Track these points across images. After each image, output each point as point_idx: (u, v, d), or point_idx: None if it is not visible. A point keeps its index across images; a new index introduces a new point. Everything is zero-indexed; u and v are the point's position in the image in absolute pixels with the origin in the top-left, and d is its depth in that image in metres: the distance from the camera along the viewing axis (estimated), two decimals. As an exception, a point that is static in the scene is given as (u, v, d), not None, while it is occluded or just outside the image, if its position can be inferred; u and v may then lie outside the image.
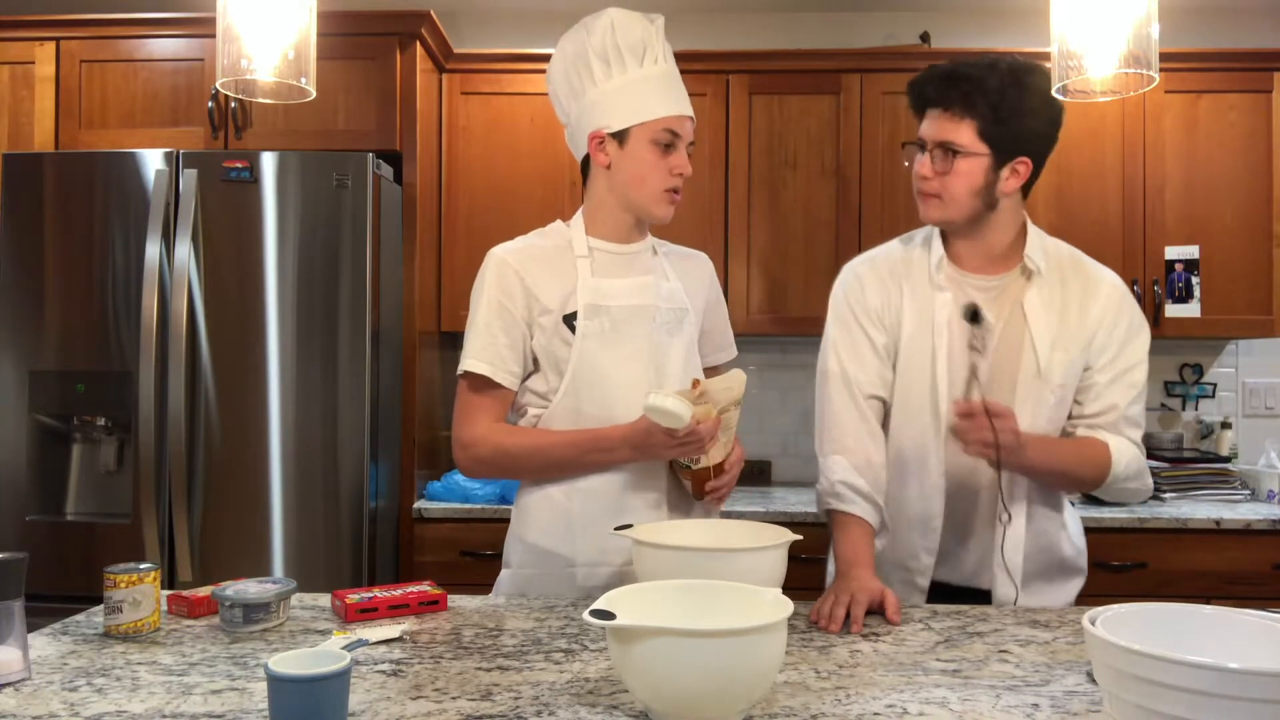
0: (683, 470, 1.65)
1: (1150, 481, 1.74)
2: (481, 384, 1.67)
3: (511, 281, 1.67)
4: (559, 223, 1.77)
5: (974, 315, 1.61)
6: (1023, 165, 1.66)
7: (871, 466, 1.69)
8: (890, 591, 1.53)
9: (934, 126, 1.63)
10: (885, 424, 1.75)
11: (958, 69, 1.62)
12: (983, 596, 1.71)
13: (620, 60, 1.65)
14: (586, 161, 1.73)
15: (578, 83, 1.69)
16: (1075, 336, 1.67)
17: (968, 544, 1.72)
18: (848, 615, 1.46)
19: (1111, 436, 1.67)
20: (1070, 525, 1.79)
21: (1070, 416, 1.71)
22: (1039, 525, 1.72)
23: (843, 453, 1.70)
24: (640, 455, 1.61)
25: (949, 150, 1.62)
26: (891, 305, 1.73)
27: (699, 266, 1.85)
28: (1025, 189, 1.70)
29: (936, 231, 1.74)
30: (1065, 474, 1.68)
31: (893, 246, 1.81)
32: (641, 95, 1.65)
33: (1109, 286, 1.71)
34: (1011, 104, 1.60)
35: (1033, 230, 1.72)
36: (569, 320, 1.65)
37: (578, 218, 1.75)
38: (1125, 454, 1.66)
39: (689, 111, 1.70)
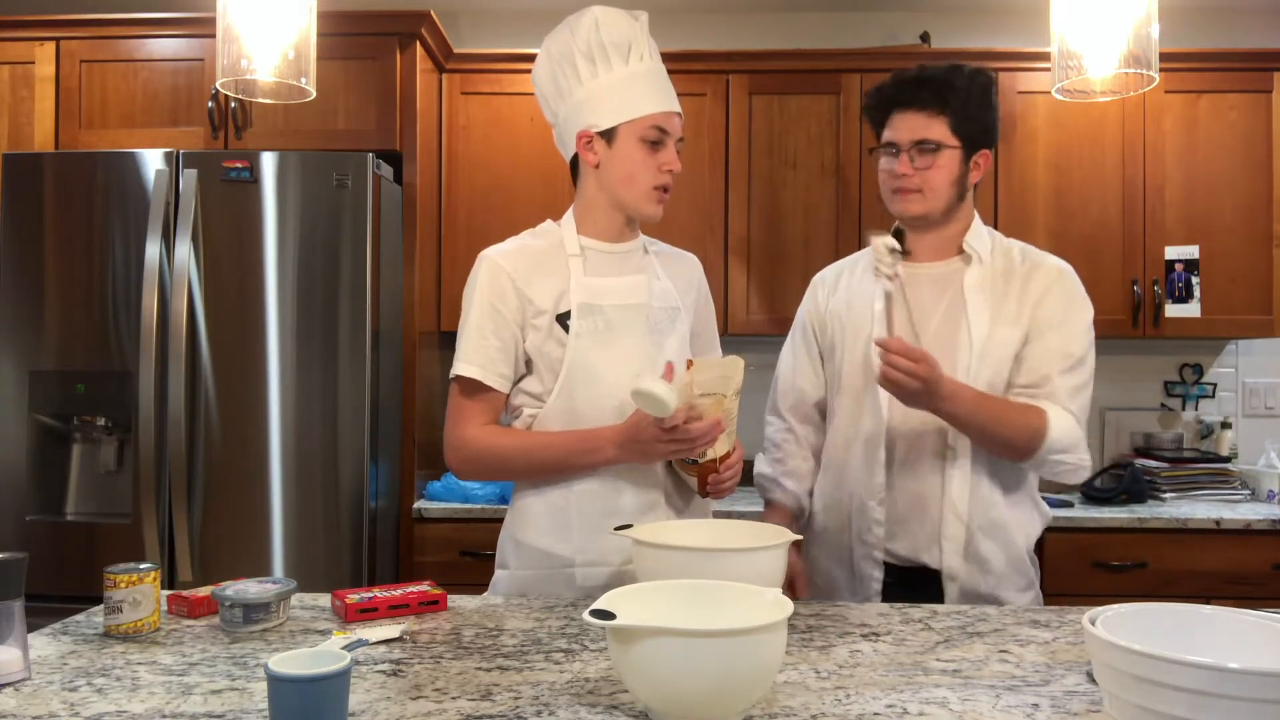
0: (687, 465, 1.64)
1: (1088, 461, 1.73)
2: (472, 387, 1.67)
3: (504, 283, 1.66)
4: (550, 222, 1.76)
5: (898, 233, 1.73)
6: (983, 158, 1.79)
7: (792, 458, 1.92)
8: (800, 568, 1.80)
9: (908, 126, 1.75)
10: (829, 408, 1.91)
11: (925, 72, 1.76)
12: (935, 577, 1.74)
13: (606, 58, 1.65)
14: (575, 161, 1.73)
15: (564, 82, 1.68)
16: (1016, 316, 1.74)
17: (917, 517, 1.75)
18: None
19: (1050, 405, 1.69)
20: (1028, 527, 1.79)
21: (1007, 387, 1.74)
22: (985, 497, 1.73)
23: (769, 449, 1.96)
24: (628, 454, 1.59)
25: (927, 146, 1.74)
26: (819, 311, 1.92)
27: (689, 266, 1.85)
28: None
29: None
30: (990, 430, 1.67)
31: (856, 254, 1.98)
32: (628, 93, 1.65)
33: (1051, 267, 1.79)
34: (977, 101, 1.75)
35: (978, 223, 1.84)
36: (562, 320, 1.65)
37: (568, 217, 1.75)
38: (1061, 424, 1.67)
39: (676, 108, 1.70)
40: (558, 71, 1.69)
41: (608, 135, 1.66)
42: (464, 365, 1.66)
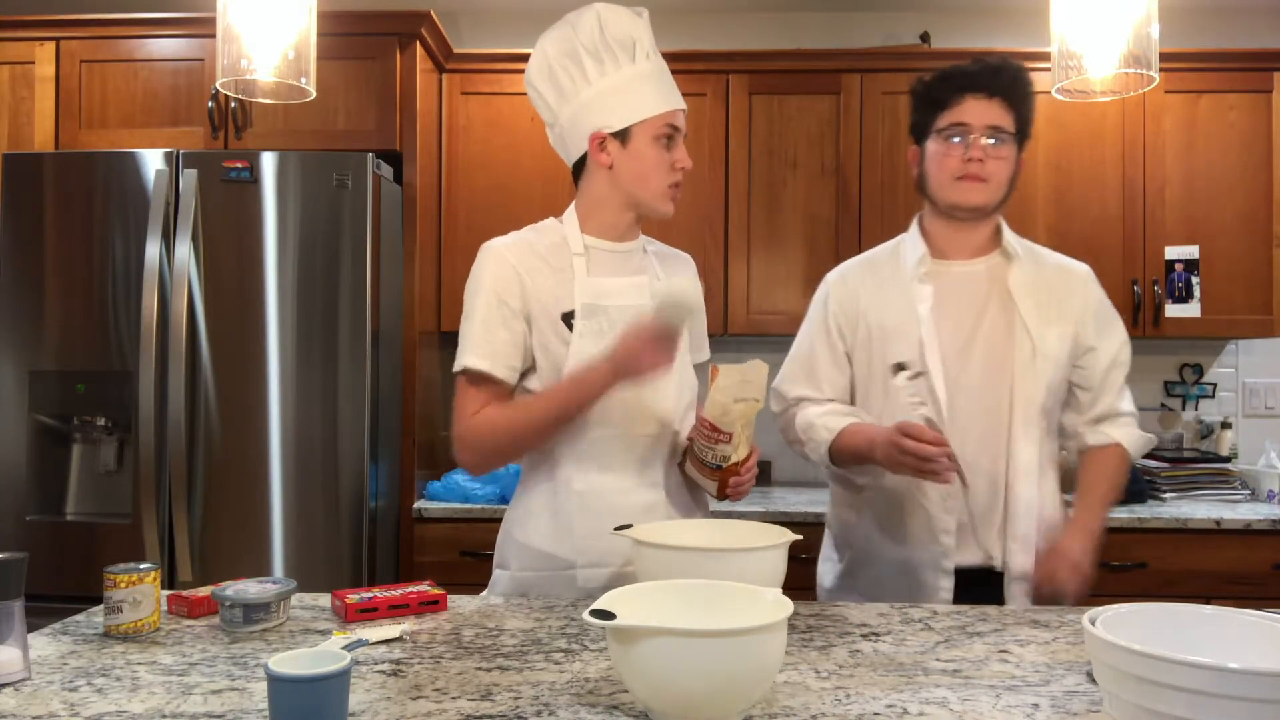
0: (707, 470, 1.64)
1: (1148, 436, 1.88)
2: (480, 380, 1.65)
3: (509, 275, 1.65)
4: (551, 219, 1.75)
5: (898, 368, 1.74)
6: (1022, 162, 1.80)
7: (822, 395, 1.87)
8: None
9: (983, 111, 1.72)
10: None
11: (999, 62, 1.74)
12: (999, 578, 1.74)
13: (613, 57, 1.64)
14: (580, 163, 1.71)
15: (568, 82, 1.66)
16: (1062, 315, 1.78)
17: (983, 519, 1.75)
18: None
19: (1117, 430, 1.82)
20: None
21: (1079, 410, 1.84)
22: (1046, 493, 1.78)
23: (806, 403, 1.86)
24: (619, 371, 1.52)
25: (1002, 136, 1.73)
26: (848, 311, 1.85)
27: (685, 266, 1.84)
28: None
29: (914, 231, 1.85)
30: (1116, 499, 1.85)
31: (873, 251, 1.93)
32: (640, 92, 1.64)
33: (1083, 271, 1.85)
34: (1031, 99, 1.77)
35: (1003, 221, 1.84)
36: (567, 319, 1.64)
37: (570, 215, 1.73)
38: (1134, 442, 1.83)
39: (683, 104, 1.70)
40: (559, 70, 1.67)
41: (621, 136, 1.65)
42: (472, 357, 1.63)
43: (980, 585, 1.73)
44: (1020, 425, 1.73)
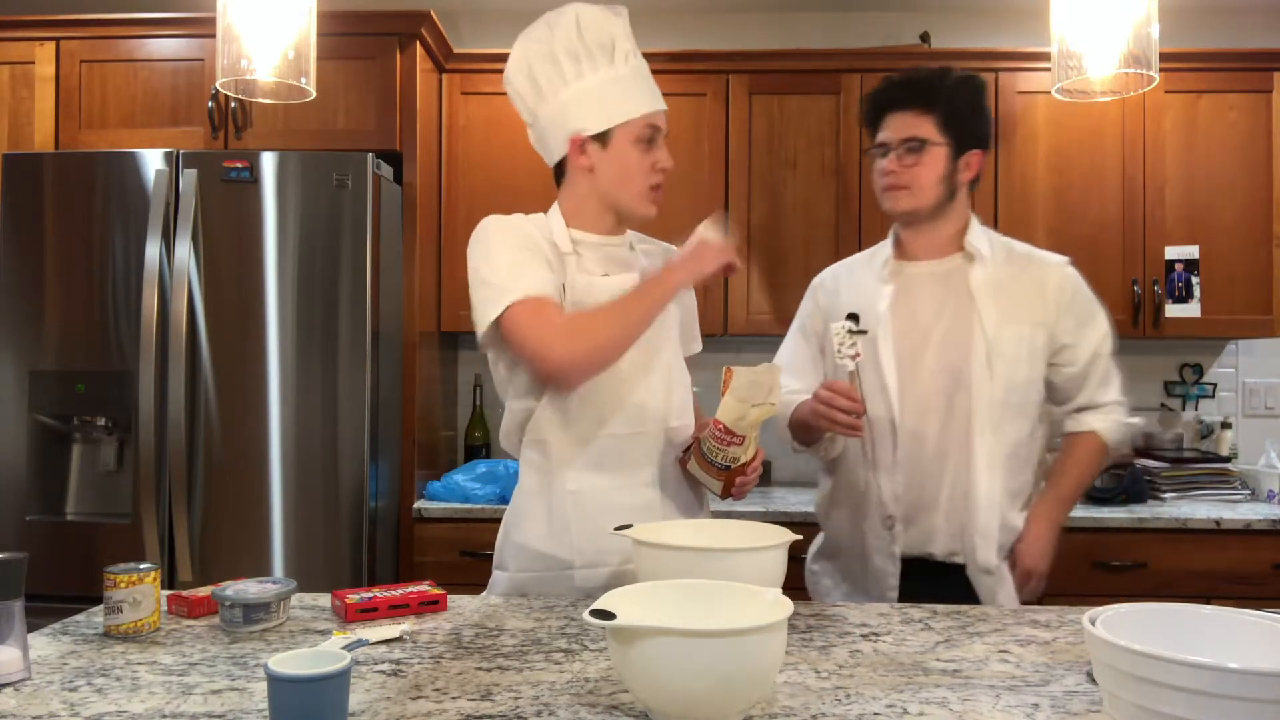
0: (713, 470, 1.64)
1: (1134, 420, 1.97)
2: (537, 305, 1.53)
3: (528, 230, 1.63)
4: (541, 215, 1.73)
5: (853, 316, 1.76)
6: (974, 159, 1.84)
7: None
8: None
9: (898, 126, 1.81)
10: None
11: (915, 74, 1.83)
12: (959, 571, 1.79)
13: (591, 58, 1.62)
14: (560, 165, 1.70)
15: (546, 84, 1.65)
16: (1030, 312, 1.81)
17: (936, 513, 1.80)
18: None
19: (1095, 418, 1.87)
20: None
21: (1061, 402, 1.89)
22: (1007, 499, 1.81)
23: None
24: (691, 275, 1.57)
25: (915, 144, 1.79)
26: (822, 311, 1.95)
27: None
28: (972, 184, 1.89)
29: (891, 234, 1.93)
30: (1087, 486, 1.93)
31: (860, 254, 2.03)
32: (619, 94, 1.63)
33: (1059, 265, 1.88)
34: (964, 102, 1.81)
35: (976, 222, 1.88)
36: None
37: (555, 214, 1.71)
38: (1112, 430, 1.88)
39: (664, 105, 1.69)
40: (538, 71, 1.65)
41: (602, 138, 1.64)
42: (525, 285, 1.53)
43: (932, 575, 1.79)
44: (980, 423, 1.77)
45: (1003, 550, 1.80)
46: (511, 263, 1.57)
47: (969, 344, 1.78)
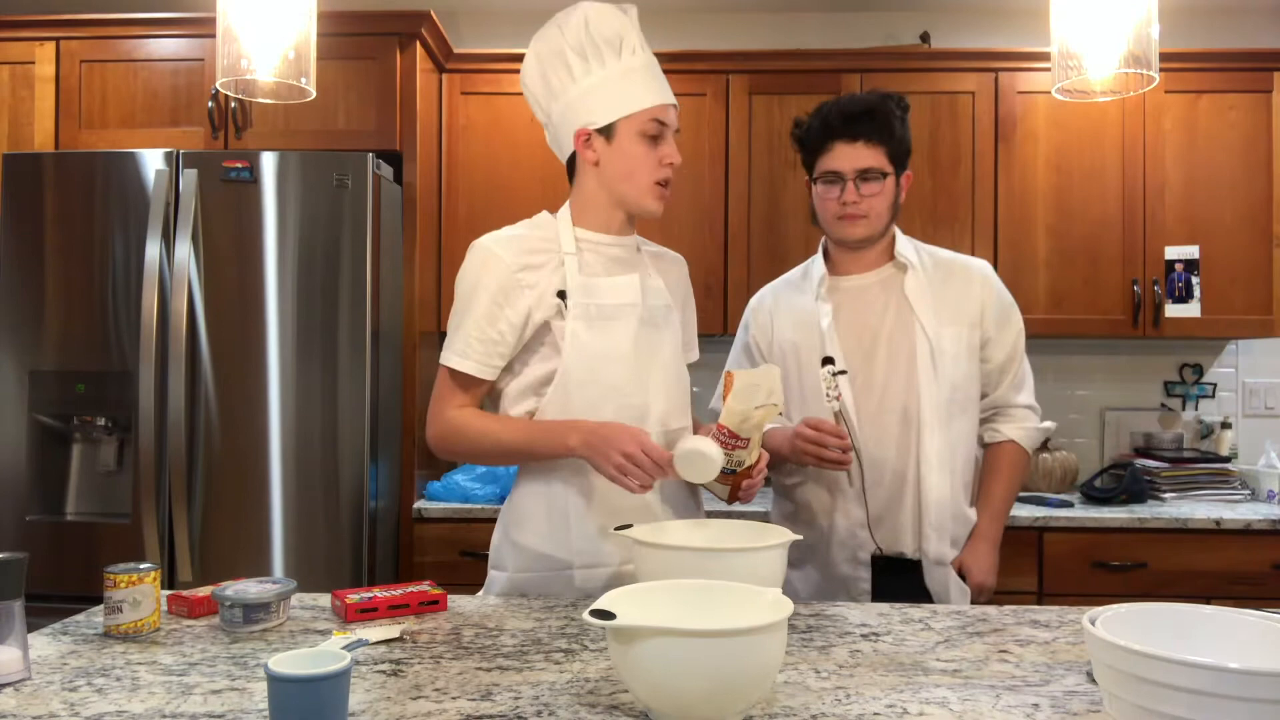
0: (722, 475, 1.62)
1: (1047, 424, 2.01)
2: (463, 378, 1.67)
3: (503, 271, 1.63)
4: (546, 214, 1.74)
5: (826, 361, 1.83)
6: (906, 179, 1.90)
7: None
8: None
9: (853, 156, 1.83)
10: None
11: (868, 102, 1.83)
12: (916, 566, 1.84)
13: (599, 54, 1.64)
14: (572, 160, 1.72)
15: (556, 81, 1.67)
16: (959, 314, 1.87)
17: (893, 511, 1.85)
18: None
19: (1009, 426, 1.95)
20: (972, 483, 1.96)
21: (982, 399, 1.94)
22: (958, 492, 1.87)
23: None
24: (588, 450, 1.54)
25: (871, 175, 1.82)
26: (764, 333, 1.98)
27: (677, 266, 1.86)
28: None
29: (820, 253, 1.97)
30: (1015, 495, 1.98)
31: (789, 274, 2.05)
32: (625, 88, 1.64)
33: (981, 267, 1.94)
34: (905, 129, 1.86)
35: (898, 232, 1.94)
36: (561, 295, 1.64)
37: (564, 212, 1.72)
38: (1026, 437, 1.95)
39: (673, 100, 1.69)
40: (548, 70, 1.68)
41: (606, 132, 1.65)
42: (457, 358, 1.65)
43: (898, 574, 1.83)
44: (928, 421, 1.82)
45: (957, 543, 1.86)
46: (472, 319, 1.64)
47: (913, 346, 1.84)
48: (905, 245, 1.92)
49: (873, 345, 1.87)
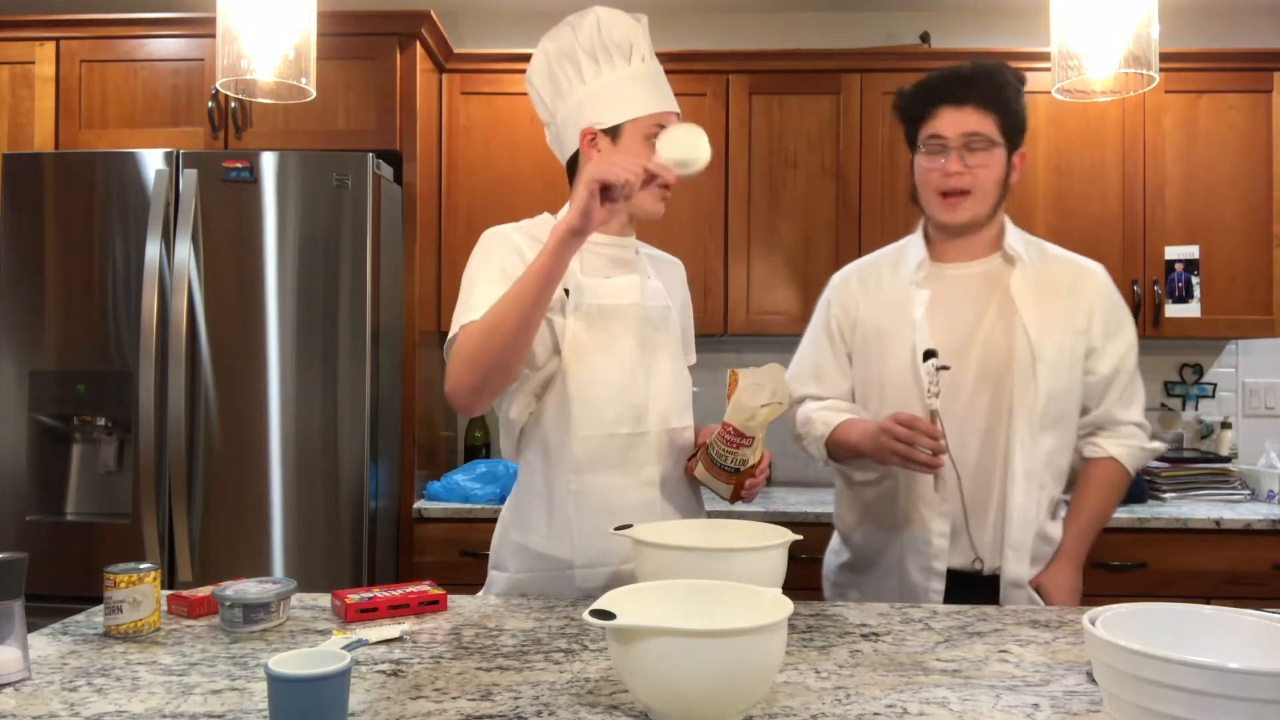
0: (722, 473, 1.63)
1: (1157, 445, 1.85)
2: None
3: (514, 253, 1.64)
4: (547, 215, 1.75)
5: (928, 355, 1.66)
6: (1020, 159, 1.76)
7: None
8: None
9: (960, 121, 1.69)
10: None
11: (977, 69, 1.70)
12: (991, 581, 1.73)
13: (609, 58, 1.66)
14: (573, 161, 1.72)
15: (564, 81, 1.69)
16: (1070, 318, 1.75)
17: (976, 525, 1.74)
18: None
19: (1112, 443, 1.78)
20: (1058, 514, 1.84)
21: (1083, 414, 1.79)
22: (1044, 509, 1.75)
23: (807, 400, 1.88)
24: (594, 173, 1.44)
25: (978, 142, 1.68)
26: (849, 313, 1.85)
27: (675, 269, 1.86)
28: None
29: (919, 234, 1.83)
30: (1109, 517, 1.82)
31: (879, 253, 1.91)
32: (632, 91, 1.66)
33: (1096, 272, 1.82)
34: (1019, 100, 1.72)
35: (1009, 222, 1.80)
36: (565, 292, 1.63)
37: (565, 213, 1.73)
38: (1131, 457, 1.79)
39: (677, 108, 1.71)
40: (557, 70, 1.69)
41: (612, 133, 1.66)
42: (476, 313, 1.56)
43: (971, 587, 1.73)
44: (1020, 431, 1.70)
45: (1038, 562, 1.74)
46: (483, 289, 1.58)
47: (1011, 348, 1.71)
48: (1015, 236, 1.77)
49: (967, 342, 1.73)
